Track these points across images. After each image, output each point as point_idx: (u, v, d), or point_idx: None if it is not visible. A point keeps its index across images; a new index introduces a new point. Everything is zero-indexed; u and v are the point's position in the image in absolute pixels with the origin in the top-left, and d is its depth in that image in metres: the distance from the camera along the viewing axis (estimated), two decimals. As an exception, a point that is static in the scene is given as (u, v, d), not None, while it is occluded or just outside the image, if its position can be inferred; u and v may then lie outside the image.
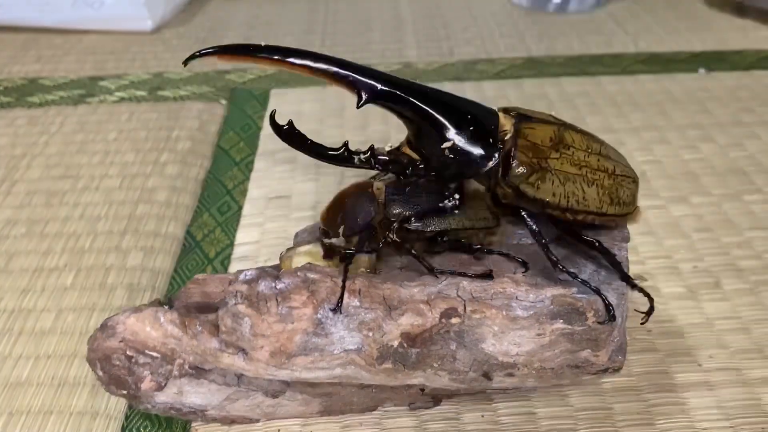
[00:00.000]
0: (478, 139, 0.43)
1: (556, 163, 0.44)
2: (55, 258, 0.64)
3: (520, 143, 0.43)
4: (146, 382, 0.43)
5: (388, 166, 0.44)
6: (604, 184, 0.45)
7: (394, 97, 0.42)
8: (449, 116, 0.43)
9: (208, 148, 0.79)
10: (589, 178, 0.44)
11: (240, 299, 0.42)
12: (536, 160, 0.43)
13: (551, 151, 0.44)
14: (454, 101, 0.44)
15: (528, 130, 0.44)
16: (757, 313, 0.56)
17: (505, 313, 0.42)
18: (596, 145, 0.46)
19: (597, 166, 0.45)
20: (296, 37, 1.08)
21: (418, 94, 0.43)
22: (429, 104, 0.42)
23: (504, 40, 1.04)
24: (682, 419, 0.48)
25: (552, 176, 0.43)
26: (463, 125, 0.43)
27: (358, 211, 0.46)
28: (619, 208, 0.46)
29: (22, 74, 0.97)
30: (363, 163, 0.44)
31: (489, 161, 0.43)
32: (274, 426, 0.48)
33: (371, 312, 0.42)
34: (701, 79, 0.91)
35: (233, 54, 0.43)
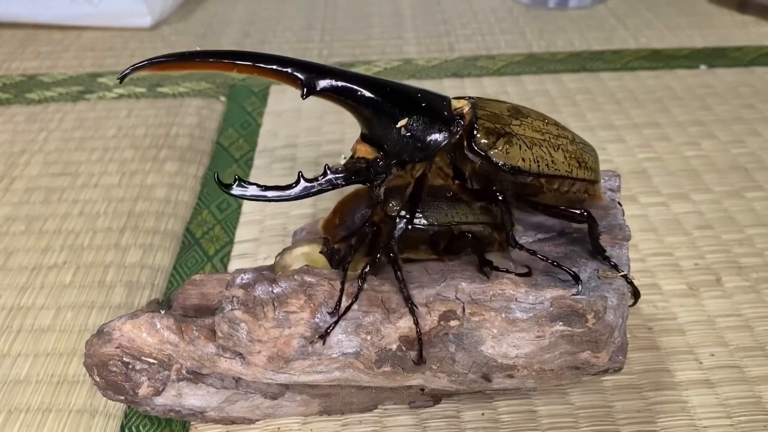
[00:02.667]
0: (433, 115, 0.43)
1: (518, 129, 0.44)
2: (54, 255, 0.63)
3: (480, 113, 0.44)
4: (143, 388, 0.43)
5: (350, 177, 0.42)
6: (569, 149, 0.46)
7: (338, 87, 0.42)
8: (399, 97, 0.43)
9: (207, 145, 0.79)
10: (553, 143, 0.45)
11: (236, 305, 0.41)
12: (499, 125, 0.44)
13: (511, 119, 0.45)
14: (399, 85, 0.43)
15: (484, 104, 0.45)
16: (758, 311, 0.56)
17: (504, 315, 0.42)
18: (550, 118, 0.47)
19: (557, 133, 0.46)
20: (295, 33, 1.08)
21: (362, 81, 0.42)
22: (376, 89, 0.42)
23: (504, 37, 1.04)
24: (683, 417, 0.48)
25: (518, 140, 0.44)
26: (414, 103, 0.43)
27: (356, 210, 0.45)
28: (588, 172, 0.47)
29: (21, 71, 0.97)
30: (325, 186, 0.42)
31: (449, 135, 0.43)
32: (273, 425, 0.48)
33: (369, 315, 0.42)
34: (702, 76, 0.90)
35: (168, 64, 0.41)
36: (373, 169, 0.43)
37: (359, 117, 0.43)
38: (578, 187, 0.46)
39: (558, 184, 0.45)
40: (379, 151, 0.42)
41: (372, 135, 0.43)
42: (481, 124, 0.43)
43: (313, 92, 0.41)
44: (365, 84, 0.42)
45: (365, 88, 0.42)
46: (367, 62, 0.97)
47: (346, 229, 0.45)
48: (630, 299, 0.45)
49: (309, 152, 0.77)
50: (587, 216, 0.44)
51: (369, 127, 0.43)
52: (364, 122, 0.43)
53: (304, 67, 0.41)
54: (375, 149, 0.42)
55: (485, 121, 0.43)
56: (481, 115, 0.44)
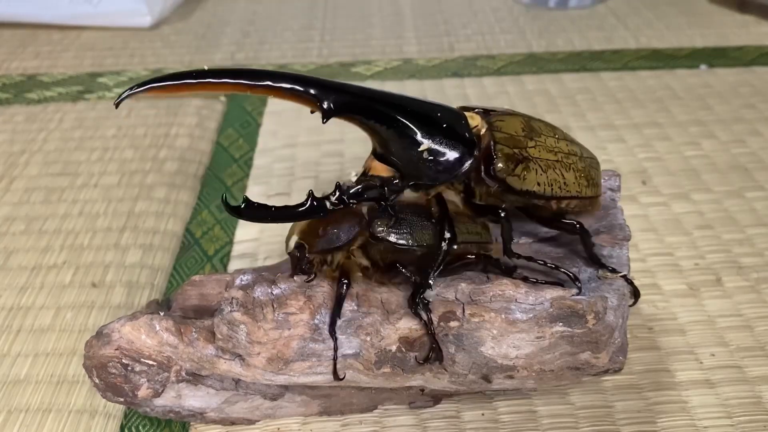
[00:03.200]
0: (455, 138, 0.41)
1: (534, 152, 0.43)
2: (54, 255, 0.63)
3: (498, 136, 0.42)
4: (143, 389, 0.43)
5: (362, 196, 0.40)
6: (578, 167, 0.45)
7: (361, 108, 0.39)
8: (421, 118, 0.40)
9: (207, 145, 0.79)
10: (565, 163, 0.44)
11: (235, 306, 0.41)
12: (517, 150, 0.42)
13: (527, 140, 0.43)
14: (420, 104, 0.41)
15: (500, 123, 0.43)
16: (759, 311, 0.56)
17: (504, 316, 0.42)
18: (559, 131, 0.46)
19: (567, 150, 0.45)
20: (295, 33, 1.08)
21: (383, 101, 0.40)
22: (398, 110, 0.40)
23: (504, 36, 1.04)
24: (683, 417, 0.48)
25: (534, 165, 0.43)
26: (436, 126, 0.40)
27: (343, 223, 0.43)
28: (595, 189, 0.46)
29: (21, 70, 0.97)
30: (336, 204, 0.40)
31: (468, 159, 0.41)
32: (273, 425, 0.48)
33: (369, 316, 0.42)
34: (702, 75, 0.90)
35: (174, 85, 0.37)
36: (388, 188, 0.40)
37: (376, 136, 0.40)
38: (584, 203, 0.46)
39: (566, 204, 0.45)
40: (396, 170, 0.40)
41: (389, 155, 0.40)
42: (500, 150, 0.42)
43: (334, 115, 0.38)
44: (389, 104, 0.40)
45: (389, 109, 0.39)
46: (367, 62, 0.97)
47: (328, 242, 0.43)
48: (630, 299, 0.45)
49: (309, 152, 0.77)
50: (579, 228, 0.44)
51: (386, 147, 0.40)
52: (380, 142, 0.41)
53: (326, 89, 0.38)
54: (390, 169, 0.40)
55: (504, 146, 0.42)
56: (499, 139, 0.42)
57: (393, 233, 0.43)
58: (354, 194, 0.40)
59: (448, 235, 0.42)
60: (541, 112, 0.84)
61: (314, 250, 0.43)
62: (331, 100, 0.38)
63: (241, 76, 0.37)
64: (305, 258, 0.43)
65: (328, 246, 0.43)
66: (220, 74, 0.37)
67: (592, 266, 0.45)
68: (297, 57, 1.00)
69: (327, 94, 0.38)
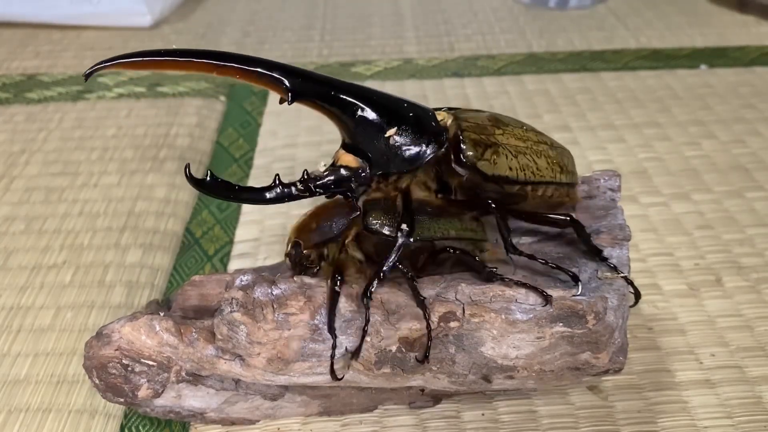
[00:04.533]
0: (421, 126, 0.42)
1: (502, 138, 0.44)
2: (54, 255, 0.63)
3: (464, 125, 0.43)
4: (143, 390, 0.43)
5: (329, 186, 0.41)
6: (550, 155, 0.46)
7: (324, 93, 0.40)
8: (387, 107, 0.41)
9: (207, 145, 0.79)
10: (535, 150, 0.45)
11: (235, 307, 0.41)
12: (484, 136, 0.43)
13: (494, 128, 0.44)
14: (385, 95, 0.42)
15: (465, 115, 0.44)
16: (759, 311, 0.56)
17: (504, 316, 0.42)
18: (527, 125, 0.47)
19: (537, 139, 0.46)
20: (295, 33, 1.08)
21: (347, 89, 0.41)
22: (361, 97, 0.41)
23: (505, 36, 1.04)
24: (683, 418, 0.48)
25: (504, 150, 0.43)
26: (402, 114, 0.41)
27: (336, 217, 0.44)
28: (569, 176, 0.47)
29: (21, 70, 0.97)
30: (302, 192, 0.40)
31: (437, 146, 0.42)
32: (273, 425, 0.48)
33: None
34: (703, 75, 0.90)
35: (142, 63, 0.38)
36: (355, 179, 0.41)
37: (342, 126, 0.41)
38: (561, 192, 0.46)
39: (542, 191, 0.45)
40: (364, 161, 0.41)
41: (356, 145, 0.41)
42: (467, 136, 0.43)
43: (298, 98, 0.39)
44: (352, 92, 0.41)
45: (353, 97, 0.40)
46: (367, 62, 0.97)
47: (322, 235, 0.44)
48: (630, 300, 0.45)
49: (309, 152, 0.77)
50: (571, 220, 0.44)
51: (353, 136, 0.41)
52: (347, 131, 0.41)
53: (290, 71, 0.39)
54: (358, 159, 0.41)
55: (471, 133, 0.43)
56: (466, 127, 0.43)
57: (387, 226, 0.43)
58: (320, 183, 0.41)
59: (405, 228, 0.42)
60: (541, 112, 0.84)
61: (309, 244, 0.44)
62: (295, 84, 0.39)
63: (207, 56, 0.38)
64: (302, 254, 0.44)
65: (322, 238, 0.43)
66: (187, 54, 0.38)
67: (594, 259, 0.45)
68: (297, 57, 1.00)
69: (291, 77, 0.39)
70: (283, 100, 0.39)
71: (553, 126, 0.81)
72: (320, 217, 0.45)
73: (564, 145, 0.49)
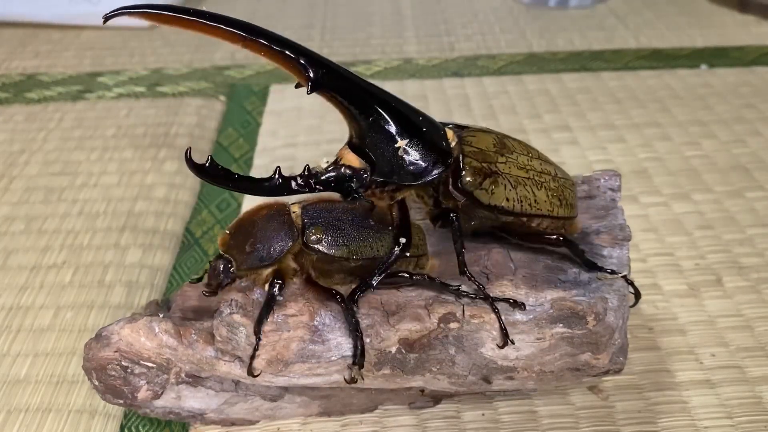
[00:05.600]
0: (432, 143, 0.41)
1: (504, 167, 0.43)
2: (54, 255, 0.63)
3: (467, 150, 0.42)
4: (142, 391, 0.43)
5: (329, 183, 0.40)
6: (551, 186, 0.45)
7: (347, 88, 0.39)
8: (403, 116, 0.40)
9: (207, 145, 0.79)
10: (536, 181, 0.44)
11: (235, 308, 0.41)
12: (486, 164, 0.42)
13: (497, 155, 0.43)
14: (405, 104, 0.41)
15: (470, 137, 0.43)
16: (759, 311, 0.56)
17: (504, 317, 0.42)
18: (534, 150, 0.46)
19: (541, 169, 0.45)
20: (295, 32, 1.08)
21: (370, 89, 0.40)
22: (382, 101, 0.40)
23: (505, 36, 1.04)
24: (684, 418, 0.48)
25: (503, 180, 0.42)
26: (416, 127, 0.40)
27: (272, 237, 0.41)
28: (568, 210, 0.45)
29: (20, 70, 0.97)
30: (301, 186, 0.40)
31: (440, 167, 0.41)
32: (273, 425, 0.48)
33: (368, 318, 0.42)
34: (703, 75, 0.90)
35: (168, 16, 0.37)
36: (357, 180, 0.40)
37: (355, 125, 0.40)
38: (557, 224, 0.45)
39: (538, 222, 0.44)
40: (367, 164, 0.40)
41: (363, 147, 0.40)
42: (468, 162, 0.42)
43: (320, 89, 0.38)
44: (374, 94, 0.40)
45: (373, 99, 0.39)
46: (367, 61, 0.97)
47: (258, 259, 0.41)
48: (631, 300, 0.45)
49: (309, 152, 0.77)
50: (563, 241, 0.44)
51: (363, 137, 0.40)
52: (358, 131, 0.40)
53: (316, 60, 0.38)
54: (362, 161, 0.40)
55: (472, 159, 0.42)
56: (468, 152, 0.42)
57: (328, 243, 0.42)
58: (321, 179, 0.40)
59: (403, 240, 0.41)
60: (541, 112, 0.83)
61: (242, 267, 0.41)
62: (319, 73, 0.38)
63: (236, 26, 0.37)
64: (230, 274, 0.41)
65: (259, 264, 0.41)
66: (217, 18, 0.37)
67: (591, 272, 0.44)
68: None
69: (317, 66, 0.38)
70: (301, 86, 0.38)
71: (553, 126, 0.81)
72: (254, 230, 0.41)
73: (568, 176, 0.47)
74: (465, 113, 0.84)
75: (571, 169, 0.73)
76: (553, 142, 0.77)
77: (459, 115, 0.84)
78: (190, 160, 0.40)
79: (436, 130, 0.42)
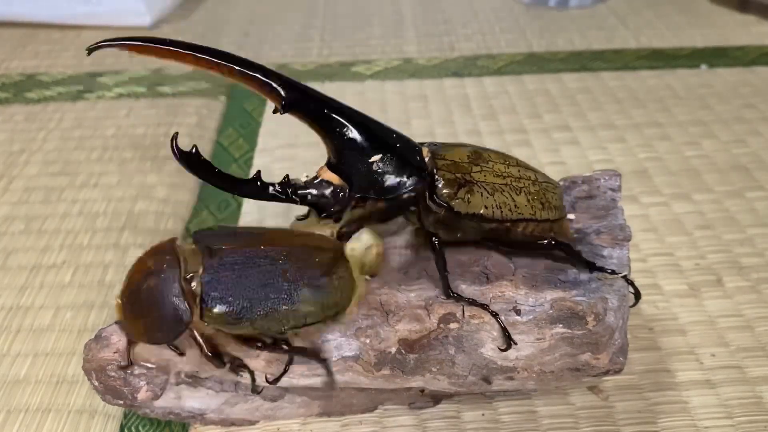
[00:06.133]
0: (406, 157, 0.42)
1: (479, 176, 0.43)
2: (54, 255, 0.63)
3: (440, 163, 0.43)
4: (142, 392, 0.43)
5: (306, 196, 0.41)
6: (531, 191, 0.45)
7: (318, 109, 0.41)
8: (376, 131, 0.42)
9: (207, 145, 0.79)
10: (514, 187, 0.44)
11: None
12: (460, 175, 0.43)
13: (472, 166, 0.44)
14: (376, 122, 0.42)
15: (444, 152, 0.44)
16: (759, 311, 0.56)
17: (504, 318, 0.42)
18: (512, 159, 0.46)
19: (519, 174, 0.45)
20: (295, 32, 1.08)
21: (341, 109, 0.41)
22: (355, 118, 0.41)
23: (505, 36, 1.04)
24: (684, 418, 0.48)
25: (479, 189, 0.43)
26: (388, 143, 0.42)
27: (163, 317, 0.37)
28: (552, 212, 0.45)
29: (20, 70, 0.97)
30: (278, 193, 0.41)
31: (418, 180, 0.42)
32: (273, 425, 0.48)
33: (368, 319, 0.42)
34: (703, 75, 0.90)
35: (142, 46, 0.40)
36: (334, 196, 0.41)
37: (329, 144, 0.42)
38: (543, 227, 0.45)
39: (522, 227, 0.44)
40: (345, 181, 0.41)
41: (341, 165, 0.41)
42: (442, 175, 0.42)
43: (292, 110, 0.40)
44: (345, 114, 0.41)
45: (345, 118, 0.41)
46: (367, 61, 0.97)
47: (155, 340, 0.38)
48: (631, 300, 0.45)
49: (309, 152, 0.77)
50: (556, 244, 0.44)
51: (338, 156, 0.41)
52: (333, 150, 0.42)
53: (287, 83, 0.40)
54: (341, 179, 0.41)
55: (446, 172, 0.43)
56: (441, 165, 0.43)
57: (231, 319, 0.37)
58: (299, 192, 0.41)
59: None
60: (541, 112, 0.83)
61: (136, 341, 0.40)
62: (290, 96, 0.40)
63: (209, 53, 0.39)
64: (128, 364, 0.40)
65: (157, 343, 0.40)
66: (191, 47, 0.39)
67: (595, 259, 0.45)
68: (297, 56, 1.00)
69: (288, 89, 0.40)
70: (277, 109, 0.40)
71: (553, 126, 0.81)
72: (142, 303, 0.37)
73: (552, 180, 0.48)
74: (465, 113, 0.84)
75: (571, 169, 0.73)
76: (553, 142, 0.77)
77: (459, 115, 0.84)
78: (175, 146, 0.41)
79: (409, 146, 0.43)
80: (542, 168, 0.73)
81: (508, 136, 0.79)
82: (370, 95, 0.87)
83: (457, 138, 0.79)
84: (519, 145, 0.77)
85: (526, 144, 0.77)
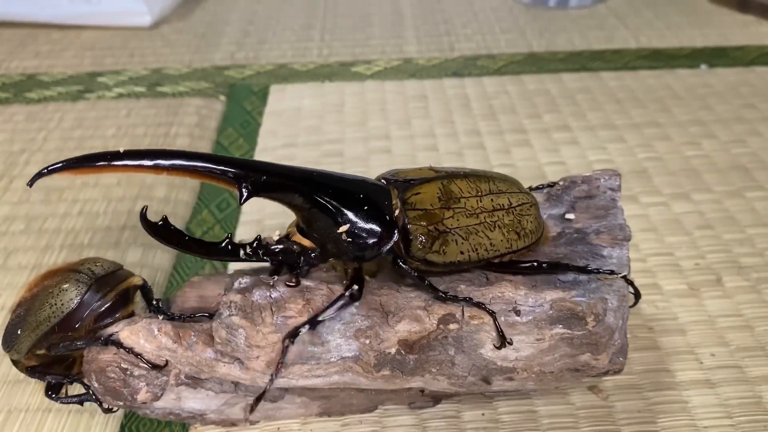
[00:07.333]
0: (374, 218, 0.41)
1: (452, 222, 0.42)
2: (54, 254, 0.63)
3: (411, 215, 0.42)
4: (142, 393, 0.43)
5: (278, 257, 0.41)
6: (505, 222, 0.44)
7: (280, 188, 0.40)
8: (342, 199, 0.41)
9: (207, 144, 0.79)
10: (489, 224, 0.43)
11: (234, 310, 0.41)
12: (432, 227, 0.42)
13: (444, 211, 0.42)
14: (344, 183, 0.42)
15: (414, 198, 0.42)
16: (759, 311, 0.56)
17: (504, 318, 0.42)
18: (484, 184, 0.45)
19: (492, 206, 0.44)
20: (295, 33, 1.08)
21: (305, 180, 0.40)
22: (319, 190, 0.40)
23: (505, 36, 1.04)
24: (683, 417, 0.48)
25: (453, 237, 0.42)
26: (357, 207, 0.41)
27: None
28: (528, 238, 0.45)
29: (21, 70, 0.97)
30: (250, 256, 0.41)
31: (389, 239, 0.41)
32: (273, 425, 0.48)
33: (368, 319, 0.42)
34: (703, 75, 0.90)
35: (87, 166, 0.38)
36: (305, 259, 0.42)
37: (298, 215, 0.42)
38: (520, 254, 0.45)
39: (499, 260, 0.44)
40: (317, 245, 0.41)
41: (311, 232, 0.41)
42: (415, 230, 0.41)
43: (253, 197, 0.39)
44: (310, 185, 0.40)
45: (309, 190, 0.40)
46: (367, 62, 0.97)
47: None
48: (630, 300, 0.45)
49: (309, 152, 0.77)
50: (539, 265, 0.43)
51: (308, 225, 0.41)
52: (303, 219, 0.41)
53: (244, 168, 0.38)
54: (312, 243, 0.41)
55: (417, 225, 0.42)
56: (413, 218, 0.42)
57: None
58: (270, 252, 0.42)
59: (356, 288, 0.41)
60: (541, 112, 0.84)
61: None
62: (249, 181, 0.38)
63: (147, 157, 0.37)
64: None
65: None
66: (135, 155, 0.37)
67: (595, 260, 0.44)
68: (297, 56, 1.00)
69: (246, 175, 0.38)
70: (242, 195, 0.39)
71: (553, 126, 0.81)
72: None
73: (525, 192, 0.46)
74: (465, 113, 0.84)
75: (570, 169, 0.73)
76: (553, 142, 0.78)
77: (459, 115, 0.84)
78: (144, 217, 0.40)
79: (378, 203, 0.41)
80: (542, 168, 0.73)
81: (508, 136, 0.79)
82: (370, 95, 0.88)
83: (457, 138, 0.79)
84: (519, 145, 0.77)
85: (526, 144, 0.77)
